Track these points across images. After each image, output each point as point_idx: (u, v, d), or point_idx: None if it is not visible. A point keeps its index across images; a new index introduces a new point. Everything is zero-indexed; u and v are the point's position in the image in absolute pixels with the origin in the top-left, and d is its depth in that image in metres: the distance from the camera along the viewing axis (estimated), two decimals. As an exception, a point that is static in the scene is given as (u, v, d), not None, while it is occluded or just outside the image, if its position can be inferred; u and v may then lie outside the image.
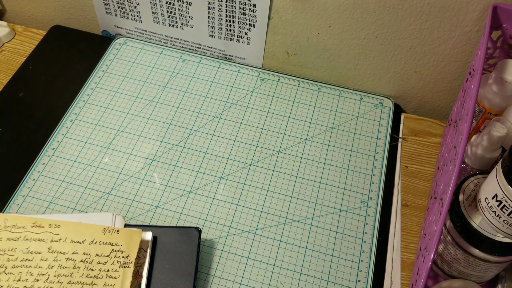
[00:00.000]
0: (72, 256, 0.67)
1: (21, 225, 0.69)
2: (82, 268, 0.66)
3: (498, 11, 0.82)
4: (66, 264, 0.67)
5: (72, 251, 0.68)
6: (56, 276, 0.66)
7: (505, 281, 0.79)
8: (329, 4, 0.94)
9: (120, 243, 0.69)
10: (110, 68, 1.06)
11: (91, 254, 0.67)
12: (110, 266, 0.67)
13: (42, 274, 0.66)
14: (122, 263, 0.67)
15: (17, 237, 0.68)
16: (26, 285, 0.64)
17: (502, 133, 0.77)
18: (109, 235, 0.69)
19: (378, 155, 0.96)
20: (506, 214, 0.66)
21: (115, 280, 0.66)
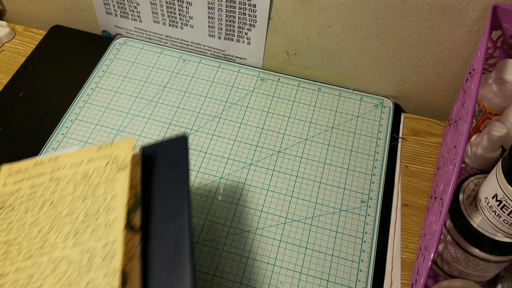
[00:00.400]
0: (72, 178, 0.69)
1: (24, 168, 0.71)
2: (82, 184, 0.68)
3: (498, 11, 0.82)
4: (67, 185, 0.69)
5: (72, 173, 0.70)
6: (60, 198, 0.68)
7: (505, 281, 0.79)
8: (329, 4, 0.94)
9: (115, 152, 0.71)
10: (110, 68, 1.06)
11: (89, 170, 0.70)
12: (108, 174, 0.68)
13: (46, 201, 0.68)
14: (119, 167, 0.69)
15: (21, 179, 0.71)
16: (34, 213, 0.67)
17: (502, 133, 0.77)
18: (104, 150, 0.71)
19: (378, 155, 0.96)
20: (506, 214, 0.66)
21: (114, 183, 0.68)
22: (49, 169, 0.71)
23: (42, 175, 0.70)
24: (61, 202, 0.68)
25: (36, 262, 0.63)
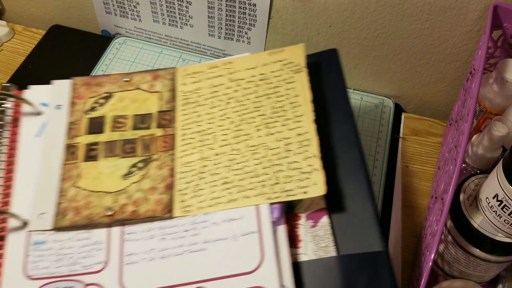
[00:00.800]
0: (251, 79, 0.78)
1: (200, 70, 0.80)
2: (262, 85, 0.77)
3: (498, 10, 0.82)
4: (248, 85, 0.78)
5: (250, 75, 0.78)
6: (243, 96, 0.77)
7: (506, 281, 0.79)
8: (329, 4, 0.93)
9: (286, 57, 0.79)
10: (110, 67, 1.06)
11: (265, 72, 0.78)
12: (285, 75, 0.77)
13: (231, 98, 0.77)
14: (295, 70, 0.77)
15: (199, 79, 0.80)
16: (221, 108, 0.76)
17: (503, 132, 0.77)
18: (276, 55, 0.79)
19: (378, 155, 0.96)
20: (507, 214, 0.66)
21: (293, 84, 0.76)
22: (225, 72, 0.79)
23: (220, 77, 0.79)
24: (246, 99, 0.77)
25: (234, 148, 0.73)
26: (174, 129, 0.76)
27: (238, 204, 0.69)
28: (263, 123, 0.74)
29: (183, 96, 0.79)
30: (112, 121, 0.77)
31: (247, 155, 0.72)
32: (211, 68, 0.80)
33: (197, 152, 0.74)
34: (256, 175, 0.70)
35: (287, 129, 0.73)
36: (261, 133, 0.74)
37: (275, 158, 0.71)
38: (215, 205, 0.69)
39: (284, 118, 0.74)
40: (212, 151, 0.73)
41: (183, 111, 0.77)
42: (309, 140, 0.71)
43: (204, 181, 0.71)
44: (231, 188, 0.70)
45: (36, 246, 0.71)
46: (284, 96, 0.76)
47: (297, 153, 0.71)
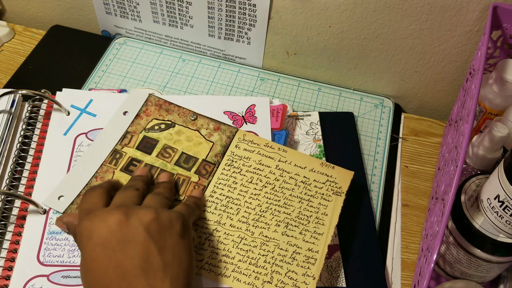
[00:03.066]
0: (294, 176, 0.81)
1: (256, 142, 0.84)
2: (301, 187, 0.80)
3: (498, 11, 0.82)
4: (289, 180, 0.81)
5: (295, 172, 0.82)
6: (280, 187, 0.80)
7: (507, 281, 0.79)
8: (329, 4, 0.94)
9: (334, 176, 0.82)
10: (110, 68, 1.06)
11: (309, 178, 0.81)
12: (324, 191, 0.80)
13: (269, 183, 0.80)
14: (335, 191, 0.80)
15: (252, 150, 0.83)
16: (256, 187, 0.79)
17: (504, 133, 0.77)
18: (326, 168, 0.82)
19: (378, 155, 0.96)
20: (508, 215, 0.66)
21: (328, 202, 0.79)
22: (277, 157, 0.83)
23: (271, 159, 0.83)
24: (281, 191, 0.80)
25: (249, 229, 0.76)
26: (208, 183, 0.80)
27: (227, 282, 0.72)
28: (284, 221, 0.77)
29: (231, 157, 0.83)
30: (162, 149, 0.82)
31: (257, 242, 0.75)
32: (267, 146, 0.84)
33: (217, 214, 0.77)
34: (255, 265, 0.73)
35: (302, 239, 0.76)
36: (278, 229, 0.76)
37: (279, 259, 0.74)
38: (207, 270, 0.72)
39: (305, 228, 0.77)
40: (230, 221, 0.76)
41: (224, 170, 0.81)
42: (316, 260, 0.74)
43: (209, 244, 0.74)
44: (228, 264, 0.73)
45: (52, 235, 0.75)
46: (315, 208, 0.79)
47: (300, 265, 0.73)
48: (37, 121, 0.86)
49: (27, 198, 0.75)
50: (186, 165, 0.81)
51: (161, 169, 0.80)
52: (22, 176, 0.79)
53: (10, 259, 0.72)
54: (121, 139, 0.82)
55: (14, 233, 0.74)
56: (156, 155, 0.81)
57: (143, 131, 0.83)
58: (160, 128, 0.84)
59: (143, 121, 0.85)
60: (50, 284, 0.70)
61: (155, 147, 0.82)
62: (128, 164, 0.80)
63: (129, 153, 0.81)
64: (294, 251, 0.74)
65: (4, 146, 0.81)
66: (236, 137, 0.85)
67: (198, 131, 0.85)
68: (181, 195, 0.78)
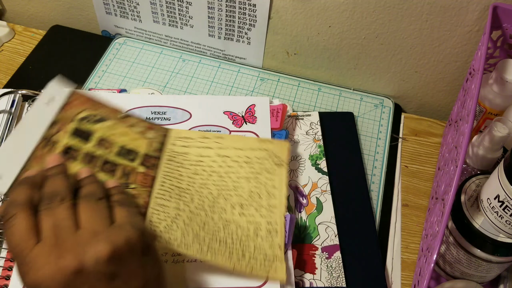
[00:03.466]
0: (236, 159, 0.82)
1: (192, 137, 0.84)
2: (245, 167, 0.82)
3: (498, 11, 0.82)
4: (232, 164, 0.82)
5: (236, 155, 0.83)
6: (226, 173, 0.81)
7: (507, 281, 0.79)
8: (329, 4, 0.94)
9: (272, 149, 0.84)
10: (110, 68, 1.06)
11: (250, 157, 0.83)
12: (267, 166, 0.82)
13: (214, 172, 0.80)
14: (277, 163, 0.82)
15: (189, 145, 0.83)
16: (202, 178, 0.79)
17: (504, 133, 0.77)
18: (263, 143, 0.85)
19: (378, 155, 0.96)
20: (508, 215, 0.66)
21: (273, 175, 0.81)
22: (215, 145, 0.84)
23: (208, 149, 0.83)
24: (228, 176, 0.80)
25: (208, 215, 0.76)
26: (156, 173, 0.76)
27: (207, 259, 0.71)
28: (238, 203, 0.78)
29: (170, 154, 0.81)
30: (99, 139, 0.75)
31: (220, 225, 0.75)
32: (203, 138, 0.84)
33: (174, 202, 0.74)
34: (225, 244, 0.74)
35: (259, 214, 0.77)
36: (235, 211, 0.77)
37: (243, 238, 0.75)
38: (186, 248, 0.70)
39: (258, 204, 0.79)
40: (188, 207, 0.75)
41: (167, 165, 0.79)
42: (277, 231, 0.76)
43: (176, 225, 0.72)
44: (201, 244, 0.72)
45: None
46: (263, 184, 0.81)
47: (264, 239, 0.76)
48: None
49: None
50: (129, 156, 0.75)
51: None
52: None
53: (10, 259, 0.71)
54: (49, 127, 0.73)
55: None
56: (94, 144, 0.74)
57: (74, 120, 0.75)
58: (91, 120, 0.76)
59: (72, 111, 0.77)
60: None
61: (91, 136, 0.74)
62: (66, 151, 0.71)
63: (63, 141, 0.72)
64: (256, 228, 0.76)
65: (3, 145, 0.80)
66: (171, 135, 0.82)
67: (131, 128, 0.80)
68: (132, 183, 0.73)
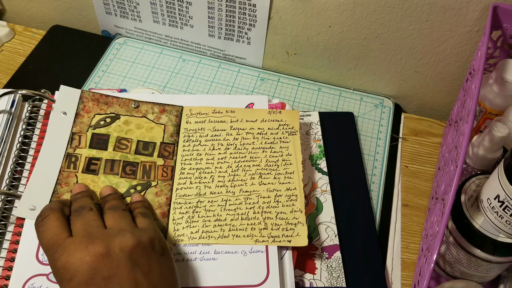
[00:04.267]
0: (250, 131, 0.86)
1: (204, 112, 0.87)
2: (259, 138, 0.85)
3: (498, 11, 0.82)
4: (247, 136, 0.85)
5: (249, 127, 0.86)
6: (242, 145, 0.84)
7: (507, 281, 0.79)
8: (329, 4, 0.94)
9: (284, 119, 0.87)
10: (110, 68, 1.06)
11: (264, 128, 0.86)
12: (281, 135, 0.86)
13: (230, 145, 0.84)
14: (290, 132, 0.86)
15: (203, 120, 0.86)
16: (220, 152, 0.83)
17: (504, 133, 0.77)
18: (274, 114, 0.88)
19: (378, 155, 0.96)
20: (508, 215, 0.66)
21: (287, 144, 0.85)
22: (228, 119, 0.87)
23: (222, 122, 0.86)
24: (244, 148, 0.84)
25: (229, 190, 0.79)
26: (174, 162, 0.82)
27: (228, 241, 0.75)
28: (257, 173, 0.82)
29: (186, 133, 0.85)
30: (116, 141, 0.81)
31: (241, 198, 0.79)
32: (215, 113, 0.87)
33: (194, 187, 0.79)
34: (247, 218, 0.77)
35: (278, 182, 0.81)
36: (255, 181, 0.81)
37: (265, 206, 0.78)
38: (206, 238, 0.75)
39: (276, 172, 0.82)
40: (208, 189, 0.79)
41: (185, 147, 0.83)
42: (296, 196, 0.79)
43: (198, 215, 0.77)
44: (223, 226, 0.76)
45: None
46: (278, 152, 0.84)
47: (285, 205, 0.78)
48: (37, 121, 0.85)
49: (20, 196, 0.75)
50: (147, 151, 0.81)
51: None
52: (22, 176, 0.79)
53: (10, 259, 0.71)
54: (69, 142, 0.80)
55: (14, 233, 0.74)
56: (113, 149, 0.80)
57: (89, 129, 0.82)
58: (106, 122, 0.83)
59: (85, 119, 0.82)
60: (49, 283, 0.69)
61: (108, 141, 0.81)
62: (88, 164, 0.78)
63: (84, 154, 0.79)
64: (276, 195, 0.79)
65: (4, 146, 0.81)
66: (184, 113, 0.87)
67: (145, 117, 0.85)
68: (153, 181, 0.79)
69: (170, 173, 0.80)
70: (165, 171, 0.80)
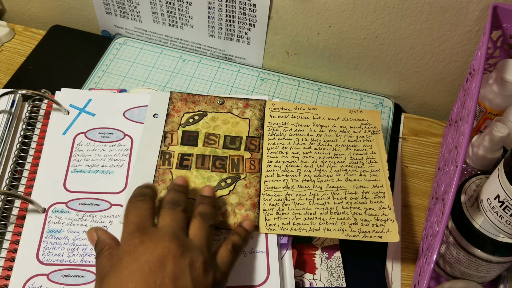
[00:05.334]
0: (332, 129, 0.86)
1: (287, 107, 0.88)
2: (342, 136, 0.86)
3: (498, 11, 0.82)
4: (330, 133, 0.86)
5: (332, 125, 0.87)
6: (326, 141, 0.85)
7: (507, 281, 0.79)
8: (329, 4, 0.94)
9: (365, 118, 0.88)
10: (110, 68, 1.06)
11: (346, 126, 0.87)
12: (363, 134, 0.86)
13: (314, 140, 0.85)
14: (372, 131, 0.86)
15: (286, 115, 0.87)
16: (305, 147, 0.84)
17: (504, 133, 0.77)
18: (355, 114, 0.88)
19: (378, 155, 0.96)
20: (508, 215, 0.66)
21: (371, 142, 0.85)
22: (310, 116, 0.88)
23: (305, 118, 0.87)
24: (328, 144, 0.85)
25: (316, 185, 0.80)
26: (261, 155, 0.83)
27: (319, 234, 0.75)
28: (342, 169, 0.82)
29: (271, 127, 0.86)
30: (205, 137, 0.84)
31: (328, 194, 0.79)
32: (297, 109, 0.88)
33: (282, 180, 0.80)
34: (336, 213, 0.77)
35: (365, 179, 0.81)
36: (341, 177, 0.81)
37: (353, 202, 0.79)
38: (298, 230, 0.76)
39: (362, 170, 0.82)
40: (296, 183, 0.80)
41: (270, 141, 0.85)
42: (384, 193, 0.80)
43: (288, 207, 0.78)
44: (313, 219, 0.76)
45: (51, 234, 0.75)
46: (362, 150, 0.84)
47: (373, 202, 0.79)
48: (37, 121, 0.85)
49: (26, 198, 0.75)
50: (234, 145, 0.83)
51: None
52: (22, 176, 0.79)
53: (10, 259, 0.72)
54: (163, 140, 0.83)
55: (14, 233, 0.74)
56: (203, 145, 0.83)
57: (180, 127, 0.85)
58: (194, 119, 0.86)
59: (176, 118, 0.86)
60: (50, 283, 0.69)
61: (198, 138, 0.84)
62: (181, 160, 0.81)
63: (177, 150, 0.82)
64: (363, 192, 0.80)
65: (4, 146, 0.81)
66: (267, 107, 0.88)
67: (230, 112, 0.87)
68: (242, 173, 0.80)
69: (257, 165, 0.82)
70: (252, 164, 0.82)
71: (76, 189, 0.78)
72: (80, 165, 0.80)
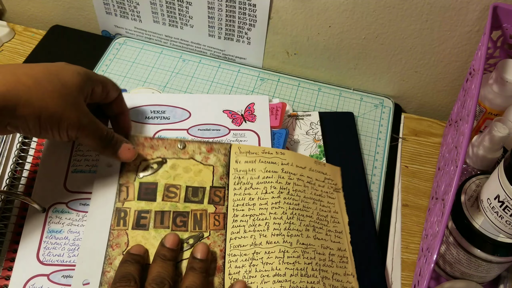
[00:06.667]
0: (300, 177, 0.80)
1: (254, 151, 0.81)
2: (309, 187, 0.80)
3: (498, 11, 0.82)
4: (298, 182, 0.79)
5: (299, 173, 0.81)
6: (294, 191, 0.78)
7: (507, 281, 0.79)
8: (329, 4, 0.94)
9: (328, 173, 0.84)
10: (110, 68, 1.06)
11: (312, 178, 0.82)
12: (327, 189, 0.82)
13: (283, 188, 0.77)
14: (334, 188, 0.83)
15: (253, 160, 0.80)
16: (274, 196, 0.76)
17: (504, 133, 0.77)
18: (319, 166, 0.84)
19: (378, 155, 0.96)
20: (508, 215, 0.66)
21: (333, 200, 0.81)
22: (279, 161, 0.80)
23: (274, 164, 0.80)
24: (296, 194, 0.78)
25: (286, 240, 0.73)
26: (226, 208, 0.75)
27: None
28: (310, 225, 0.76)
29: (237, 174, 0.78)
30: (164, 190, 0.76)
31: (298, 251, 0.73)
32: (265, 153, 0.81)
33: (249, 236, 0.73)
34: (306, 275, 0.71)
35: (330, 240, 0.77)
36: (310, 233, 0.75)
37: (321, 264, 0.73)
38: None
39: (327, 229, 0.78)
40: (264, 238, 0.73)
41: (235, 190, 0.77)
42: (347, 258, 0.77)
43: (256, 268, 0.70)
44: (283, 282, 0.69)
45: (51, 234, 0.74)
46: (327, 207, 0.80)
47: (339, 266, 0.75)
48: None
49: (27, 198, 0.75)
50: (196, 198, 0.75)
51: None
52: (22, 176, 0.79)
53: (10, 259, 0.71)
54: (117, 194, 0.75)
55: (14, 233, 0.74)
56: (162, 199, 0.75)
57: (136, 179, 0.76)
58: (153, 168, 0.77)
59: (132, 167, 0.77)
60: (50, 284, 0.69)
61: (157, 190, 0.75)
62: (138, 219, 0.73)
63: (133, 207, 0.74)
64: (329, 253, 0.75)
65: (4, 146, 0.81)
66: (233, 152, 0.80)
67: (192, 158, 0.79)
68: (205, 231, 0.73)
69: (222, 221, 0.74)
70: (217, 219, 0.74)
71: (77, 189, 0.78)
72: (80, 165, 0.80)
